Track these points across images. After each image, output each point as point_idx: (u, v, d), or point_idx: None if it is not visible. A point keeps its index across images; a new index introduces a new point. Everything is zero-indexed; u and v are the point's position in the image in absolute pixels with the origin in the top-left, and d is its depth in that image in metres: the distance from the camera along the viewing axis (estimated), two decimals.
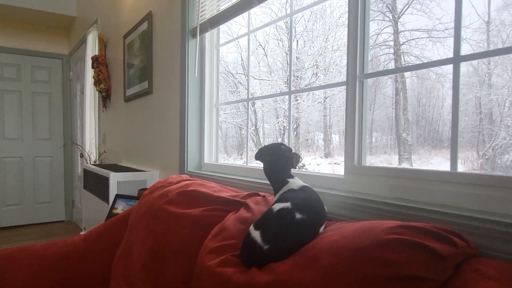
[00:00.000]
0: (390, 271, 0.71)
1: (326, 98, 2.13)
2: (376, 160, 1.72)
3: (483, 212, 0.92)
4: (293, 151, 1.24)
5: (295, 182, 1.15)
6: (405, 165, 1.60)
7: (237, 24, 2.13)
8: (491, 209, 0.94)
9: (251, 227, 1.03)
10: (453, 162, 1.06)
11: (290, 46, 1.70)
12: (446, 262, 0.72)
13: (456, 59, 1.06)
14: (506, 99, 1.24)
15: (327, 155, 2.25)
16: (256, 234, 0.99)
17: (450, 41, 1.08)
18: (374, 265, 0.74)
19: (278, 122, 2.43)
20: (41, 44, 5.03)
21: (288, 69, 1.70)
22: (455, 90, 1.06)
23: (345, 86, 1.37)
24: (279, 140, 2.43)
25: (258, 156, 1.26)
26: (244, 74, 2.23)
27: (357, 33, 1.32)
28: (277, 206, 1.03)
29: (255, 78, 2.40)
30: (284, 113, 2.32)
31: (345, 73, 1.37)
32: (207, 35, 2.22)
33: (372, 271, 0.73)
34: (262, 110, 2.54)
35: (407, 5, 1.43)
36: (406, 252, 0.73)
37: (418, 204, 1.04)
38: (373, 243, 0.77)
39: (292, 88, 1.68)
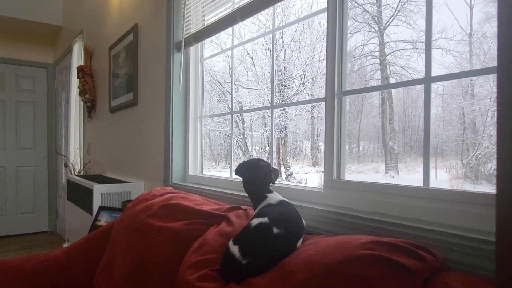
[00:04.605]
0: (362, 286, 0.74)
1: (314, 107, 2.14)
2: (364, 168, 1.73)
3: (453, 227, 0.94)
4: (272, 166, 1.27)
5: (274, 197, 1.16)
6: (391, 173, 1.60)
7: (225, 33, 2.14)
8: (460, 224, 0.96)
9: (230, 242, 1.04)
10: (426, 177, 1.09)
11: (272, 61, 1.71)
12: (415, 276, 0.74)
13: (427, 80, 1.10)
14: (489, 109, 1.26)
15: (315, 163, 2.25)
16: (234, 249, 1.00)
17: (434, 52, 1.10)
18: (346, 280, 0.76)
19: (266, 131, 2.43)
20: (25, 53, 4.96)
21: (271, 83, 1.70)
22: (426, 109, 1.09)
23: (324, 102, 1.39)
24: (267, 149, 2.43)
25: (237, 172, 1.28)
26: (231, 83, 2.24)
27: (335, 51, 1.35)
28: (255, 221, 1.05)
29: (243, 87, 2.40)
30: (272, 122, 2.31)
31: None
32: (192, 48, 2.24)
33: (344, 286, 0.75)
34: (250, 119, 2.53)
35: (393, 17, 1.45)
36: (377, 267, 0.75)
37: (393, 218, 1.06)
38: (345, 259, 0.79)
39: (280, 97, 1.68)
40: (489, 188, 1.25)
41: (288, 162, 2.37)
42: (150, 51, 2.53)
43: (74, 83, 3.84)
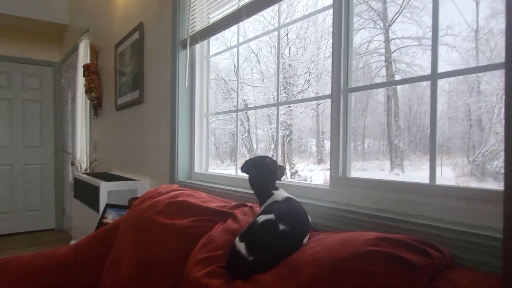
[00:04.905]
0: (368, 282, 0.74)
1: (318, 105, 2.14)
2: (369, 166, 1.72)
3: (460, 224, 0.94)
4: (278, 163, 1.27)
5: (280, 194, 1.17)
6: (397, 171, 1.60)
7: (229, 30, 2.14)
8: (467, 220, 0.96)
9: (237, 239, 1.05)
10: (432, 174, 1.08)
11: (278, 58, 1.71)
12: (421, 273, 0.74)
13: (434, 76, 1.09)
14: (495, 106, 1.25)
15: (320, 161, 2.24)
16: (241, 246, 1.00)
17: (440, 49, 1.09)
18: (353, 277, 0.76)
19: (271, 129, 2.43)
20: (32, 52, 4.99)
21: (276, 80, 1.70)
22: (433, 106, 1.09)
23: (330, 99, 1.39)
24: (272, 146, 2.43)
25: (243, 169, 1.28)
26: (236, 80, 2.24)
27: (341, 47, 1.35)
28: (261, 218, 1.05)
29: (248, 85, 2.40)
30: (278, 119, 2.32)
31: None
32: (198, 46, 2.24)
33: (351, 283, 0.76)
34: (255, 117, 2.53)
35: (398, 14, 1.44)
36: (383, 263, 0.75)
37: (399, 215, 1.06)
38: (352, 255, 0.80)
39: (285, 95, 1.68)
40: (495, 186, 1.24)
41: (293, 160, 2.37)
42: (156, 49, 2.54)
43: (80, 81, 3.86)
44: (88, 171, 3.84)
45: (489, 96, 1.25)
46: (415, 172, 1.52)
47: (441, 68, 1.09)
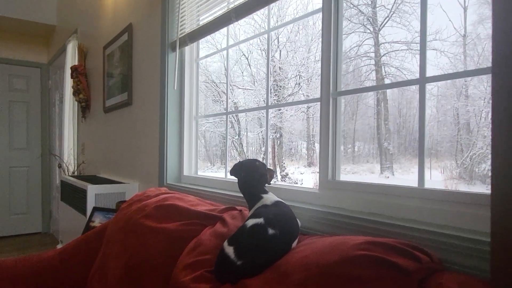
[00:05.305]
0: (357, 287, 0.74)
1: (309, 108, 2.14)
2: (359, 169, 1.73)
3: (448, 227, 0.94)
4: (268, 167, 1.26)
5: (269, 198, 1.16)
6: (386, 174, 1.61)
7: (220, 33, 2.14)
8: (455, 224, 0.96)
9: (225, 243, 1.04)
10: (420, 178, 1.09)
11: (268, 62, 1.71)
12: (410, 277, 0.74)
13: (422, 80, 1.10)
14: (482, 110, 1.26)
15: (310, 164, 2.25)
16: (229, 250, 0.99)
17: (429, 54, 1.10)
18: (342, 281, 0.76)
19: (261, 131, 2.43)
20: (19, 53, 4.92)
21: (266, 83, 1.70)
22: (421, 110, 1.09)
23: (320, 102, 1.39)
24: (263, 149, 2.43)
25: (233, 172, 1.28)
26: (226, 83, 2.24)
27: (330, 51, 1.35)
28: (250, 222, 1.04)
29: (239, 88, 2.40)
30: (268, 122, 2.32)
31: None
32: (187, 48, 2.23)
33: (340, 287, 0.75)
34: (246, 120, 2.53)
35: (387, 18, 1.45)
36: (372, 268, 0.75)
37: (388, 219, 1.06)
38: (341, 259, 0.79)
39: (275, 97, 1.68)
40: (483, 189, 1.25)
41: (284, 163, 2.37)
42: (145, 51, 2.52)
43: (68, 83, 3.81)
44: (75, 173, 3.79)
45: (476, 100, 1.27)
46: (405, 175, 1.53)
47: (430, 72, 1.10)
